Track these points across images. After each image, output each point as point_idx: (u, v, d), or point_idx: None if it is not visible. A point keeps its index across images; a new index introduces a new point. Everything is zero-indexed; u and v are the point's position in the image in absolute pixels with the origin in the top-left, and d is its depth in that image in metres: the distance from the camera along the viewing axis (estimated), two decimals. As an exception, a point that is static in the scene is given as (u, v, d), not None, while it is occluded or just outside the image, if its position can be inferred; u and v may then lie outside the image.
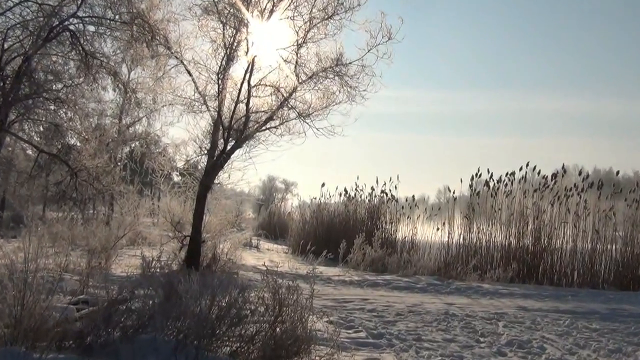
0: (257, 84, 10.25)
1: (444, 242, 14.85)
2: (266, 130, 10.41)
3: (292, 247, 18.45)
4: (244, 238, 13.94)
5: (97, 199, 13.50)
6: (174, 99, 10.30)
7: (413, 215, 16.22)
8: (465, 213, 14.78)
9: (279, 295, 4.94)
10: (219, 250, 10.99)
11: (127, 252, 11.27)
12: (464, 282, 12.26)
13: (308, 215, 19.34)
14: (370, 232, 15.54)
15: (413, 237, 15.89)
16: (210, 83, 10.10)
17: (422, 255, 14.72)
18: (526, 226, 14.06)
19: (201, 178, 10.33)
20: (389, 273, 13.12)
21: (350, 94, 10.23)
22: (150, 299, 4.76)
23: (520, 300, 10.51)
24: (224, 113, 10.14)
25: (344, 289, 10.54)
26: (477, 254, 14.16)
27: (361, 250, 14.21)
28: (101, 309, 4.56)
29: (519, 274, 13.46)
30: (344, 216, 17.67)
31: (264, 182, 50.92)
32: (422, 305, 9.20)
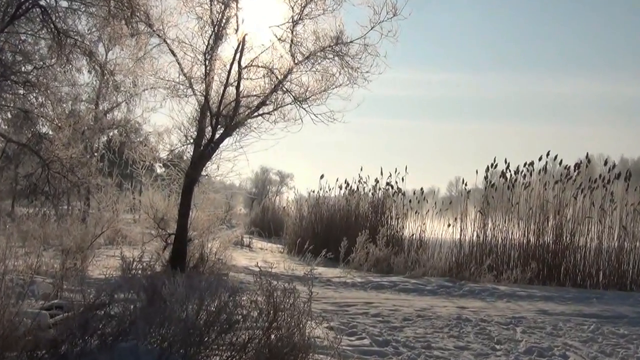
0: (248, 65, 10.22)
1: (456, 240, 14.87)
2: (259, 116, 10.39)
3: (288, 245, 18.48)
4: (234, 236, 13.95)
5: (72, 193, 13.48)
6: (157, 82, 10.28)
7: (422, 210, 16.23)
8: (480, 207, 14.79)
9: (274, 299, 4.94)
10: (207, 249, 10.99)
11: (106, 252, 11.26)
12: (478, 283, 12.29)
13: (305, 210, 19.35)
14: (374, 229, 15.56)
15: (422, 234, 15.91)
16: (196, 64, 10.07)
17: (431, 254, 14.75)
18: (546, 222, 14.08)
19: (187, 170, 10.32)
20: (396, 274, 13.14)
21: (351, 76, 10.21)
22: (131, 304, 4.75)
23: (540, 303, 10.54)
24: (211, 97, 10.12)
25: (346, 292, 10.55)
26: (492, 253, 14.18)
27: (364, 249, 14.24)
28: (77, 315, 4.56)
29: (538, 275, 13.49)
30: (345, 211, 17.69)
31: (257, 174, 50.93)
32: (432, 309, 9.22)
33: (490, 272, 13.06)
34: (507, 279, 12.92)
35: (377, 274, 13.25)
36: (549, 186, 14.22)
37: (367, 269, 13.78)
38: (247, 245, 18.87)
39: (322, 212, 18.35)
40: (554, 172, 14.52)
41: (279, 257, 16.35)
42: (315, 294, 5.61)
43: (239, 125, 10.22)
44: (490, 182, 14.79)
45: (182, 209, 10.19)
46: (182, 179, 10.53)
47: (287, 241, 19.22)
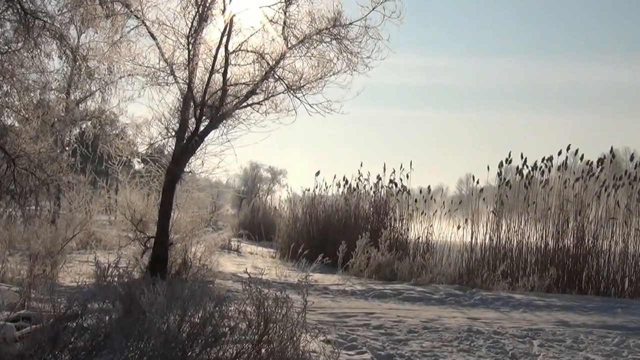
0: (236, 50, 10.21)
1: (467, 244, 14.88)
2: (248, 106, 10.38)
3: (281, 250, 18.48)
4: (221, 239, 13.96)
5: (40, 191, 13.44)
6: (134, 68, 10.25)
7: (429, 210, 16.25)
8: (493, 207, 14.81)
9: (265, 309, 4.94)
10: (191, 254, 10.99)
11: (78, 257, 11.26)
12: (490, 291, 12.30)
13: (300, 210, 19.34)
14: (376, 232, 15.56)
15: (429, 237, 15.92)
16: (178, 49, 10.05)
17: (439, 259, 14.76)
18: (567, 223, 14.10)
19: (168, 166, 10.30)
20: (400, 281, 13.16)
21: (350, 62, 10.20)
22: (106, 315, 4.75)
23: (559, 313, 10.56)
24: (195, 86, 10.10)
25: (345, 301, 10.56)
26: (506, 258, 14.20)
27: (365, 254, 14.24)
28: (46, 327, 4.56)
29: (557, 282, 13.51)
30: (344, 212, 17.68)
31: (246, 170, 50.90)
32: (440, 320, 9.23)
33: (504, 279, 13.08)
34: (523, 287, 12.94)
35: (379, 281, 13.26)
36: (569, 184, 14.24)
37: (368, 275, 13.80)
38: (235, 249, 18.85)
39: (318, 213, 18.35)
40: (575, 168, 14.55)
41: (271, 262, 16.35)
42: (311, 304, 5.62)
43: (226, 116, 10.21)
44: (504, 179, 14.81)
45: (163, 209, 10.18)
46: (162, 176, 10.52)
47: (279, 245, 19.22)
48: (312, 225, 18.22)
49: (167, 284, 5.63)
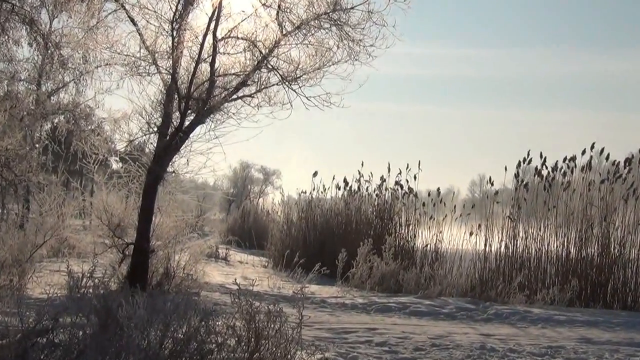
0: (225, 37, 10.21)
1: (480, 252, 14.89)
2: (238, 99, 10.38)
3: (274, 258, 18.49)
4: (207, 247, 13.94)
5: (7, 193, 13.45)
6: (113, 57, 10.25)
7: (438, 215, 16.25)
8: (509, 212, 14.81)
9: (256, 324, 4.94)
10: (174, 263, 10.99)
11: (49, 266, 11.24)
12: (506, 305, 12.31)
13: (295, 215, 19.35)
14: (379, 238, 15.57)
15: (438, 244, 15.92)
16: (161, 35, 10.05)
17: (449, 269, 14.76)
18: (590, 230, 14.11)
19: (149, 165, 10.30)
20: (405, 294, 13.16)
21: (352, 51, 10.20)
22: (80, 330, 4.75)
23: (582, 329, 10.57)
24: (180, 76, 10.10)
25: (344, 315, 10.57)
26: (524, 268, 14.21)
27: (367, 263, 14.25)
28: (13, 343, 4.55)
29: (580, 295, 13.52)
30: (344, 217, 17.69)
31: (236, 170, 50.98)
32: (450, 336, 9.24)
33: (521, 292, 13.08)
34: (541, 300, 12.95)
35: (383, 293, 13.26)
36: (593, 186, 14.24)
37: (370, 287, 13.80)
38: (223, 257, 18.86)
39: (315, 218, 18.35)
40: (600, 168, 14.55)
41: (262, 272, 16.36)
42: (307, 318, 5.62)
43: (214, 110, 10.21)
44: (522, 180, 14.81)
45: (143, 213, 10.18)
46: (143, 176, 10.51)
47: (272, 253, 19.22)
48: (308, 232, 18.23)
49: (147, 296, 5.62)
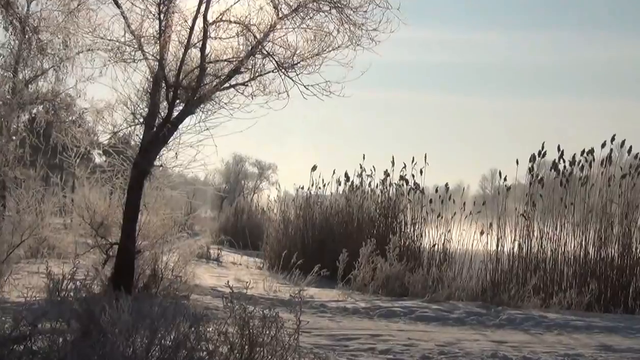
0: (217, 20, 10.19)
1: (492, 252, 14.88)
2: (231, 88, 10.36)
3: (269, 259, 18.49)
4: (198, 247, 13.94)
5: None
6: (95, 42, 10.23)
7: (446, 213, 16.24)
8: (523, 209, 14.80)
9: (250, 330, 4.94)
10: (162, 264, 10.98)
11: (27, 268, 11.24)
12: (519, 310, 12.32)
13: (292, 212, 19.35)
14: (383, 238, 15.57)
15: (446, 244, 15.92)
16: (148, 18, 10.03)
17: (459, 271, 14.76)
18: (610, 228, 14.11)
19: (135, 158, 10.29)
20: (411, 297, 13.17)
21: (353, 35, 10.19)
22: (60, 336, 4.75)
23: (601, 336, 10.57)
24: (168, 63, 10.08)
25: (346, 321, 10.57)
26: (539, 270, 14.21)
27: (370, 264, 14.24)
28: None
29: (599, 299, 13.52)
30: (345, 214, 17.69)
31: (228, 164, 50.97)
32: (460, 343, 9.24)
33: (536, 295, 13.08)
34: (558, 304, 12.95)
35: (387, 297, 13.26)
36: (614, 181, 14.23)
37: (373, 290, 13.80)
38: (215, 258, 18.88)
39: (314, 216, 18.35)
40: (621, 162, 14.53)
41: (257, 274, 16.36)
42: (305, 324, 5.62)
43: (205, 99, 10.19)
44: (536, 175, 14.79)
45: (129, 210, 10.17)
46: (128, 170, 10.50)
47: (267, 254, 19.22)
48: (307, 230, 18.23)
49: (133, 300, 5.63)
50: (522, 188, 15.39)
